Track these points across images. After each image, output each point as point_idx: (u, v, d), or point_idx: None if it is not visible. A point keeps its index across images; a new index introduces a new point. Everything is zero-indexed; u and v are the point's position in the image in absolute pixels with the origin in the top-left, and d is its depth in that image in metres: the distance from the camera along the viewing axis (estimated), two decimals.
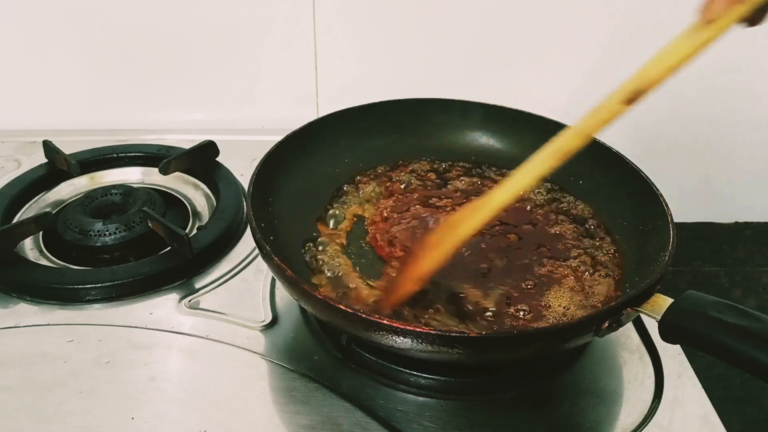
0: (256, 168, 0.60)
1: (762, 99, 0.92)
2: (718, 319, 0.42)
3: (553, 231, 0.64)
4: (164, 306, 0.60)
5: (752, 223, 1.01)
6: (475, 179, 0.71)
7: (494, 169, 0.72)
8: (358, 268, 0.59)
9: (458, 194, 0.68)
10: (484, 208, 0.49)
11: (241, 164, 0.79)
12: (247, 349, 0.56)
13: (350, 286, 0.57)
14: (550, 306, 0.55)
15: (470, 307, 0.54)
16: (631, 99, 0.40)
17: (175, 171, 0.77)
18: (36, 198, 0.76)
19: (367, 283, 0.57)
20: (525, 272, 0.59)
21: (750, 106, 0.93)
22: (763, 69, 0.89)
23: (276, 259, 0.50)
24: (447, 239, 0.51)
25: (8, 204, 0.72)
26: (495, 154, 0.73)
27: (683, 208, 0.95)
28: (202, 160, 0.79)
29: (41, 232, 0.69)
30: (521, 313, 0.54)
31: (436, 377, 0.53)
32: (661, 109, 0.91)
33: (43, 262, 0.66)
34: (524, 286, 0.57)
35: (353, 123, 0.71)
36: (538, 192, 0.68)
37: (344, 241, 0.63)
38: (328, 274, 0.58)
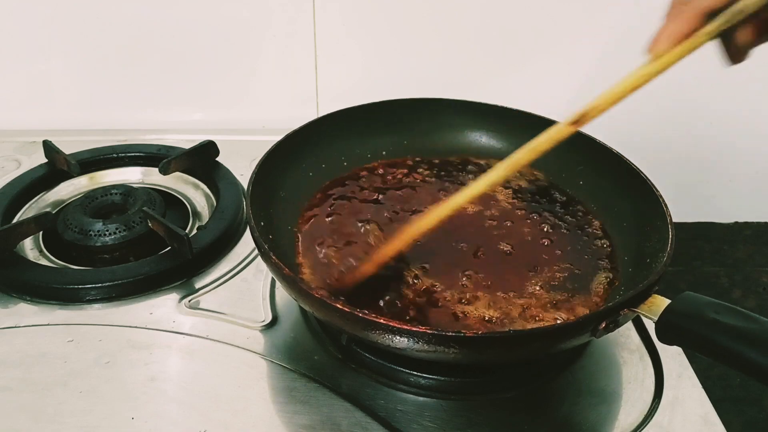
0: (256, 168, 0.60)
1: (762, 98, 0.92)
2: (715, 321, 0.42)
3: (551, 231, 0.64)
4: (164, 306, 0.60)
5: (752, 223, 1.01)
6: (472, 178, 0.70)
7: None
8: None
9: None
10: (445, 208, 0.54)
11: (241, 164, 0.79)
12: (247, 349, 0.56)
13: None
14: (548, 306, 0.55)
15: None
16: (578, 122, 0.46)
17: (175, 171, 0.77)
18: (36, 198, 0.76)
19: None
20: (522, 272, 0.58)
21: (750, 105, 0.92)
22: (763, 68, 0.89)
23: (274, 257, 0.50)
24: (409, 230, 0.55)
25: (8, 204, 0.72)
26: (495, 154, 0.72)
27: (683, 208, 0.95)
28: (202, 160, 0.79)
29: (41, 232, 0.69)
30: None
31: (436, 377, 0.53)
32: (660, 109, 0.91)
33: (43, 262, 0.66)
34: (524, 285, 0.57)
35: (353, 122, 0.70)
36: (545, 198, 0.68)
37: None
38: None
